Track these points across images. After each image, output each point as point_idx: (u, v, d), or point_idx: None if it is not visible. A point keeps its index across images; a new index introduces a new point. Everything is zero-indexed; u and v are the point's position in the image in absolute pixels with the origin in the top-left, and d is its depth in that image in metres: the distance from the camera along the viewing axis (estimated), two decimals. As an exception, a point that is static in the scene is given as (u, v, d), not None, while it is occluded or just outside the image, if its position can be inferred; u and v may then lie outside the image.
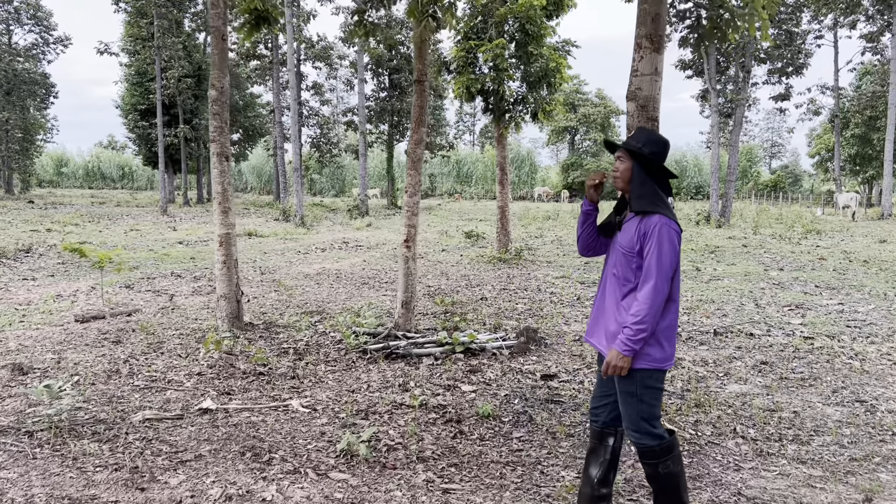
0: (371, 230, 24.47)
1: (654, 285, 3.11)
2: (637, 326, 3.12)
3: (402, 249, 7.42)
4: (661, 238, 3.14)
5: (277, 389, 5.70)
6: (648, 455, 3.32)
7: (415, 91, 7.21)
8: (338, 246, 18.34)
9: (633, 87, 4.76)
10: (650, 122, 4.72)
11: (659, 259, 3.12)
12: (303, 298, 10.03)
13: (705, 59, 28.10)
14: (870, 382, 6.14)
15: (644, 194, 3.33)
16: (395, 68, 38.75)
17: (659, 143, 3.41)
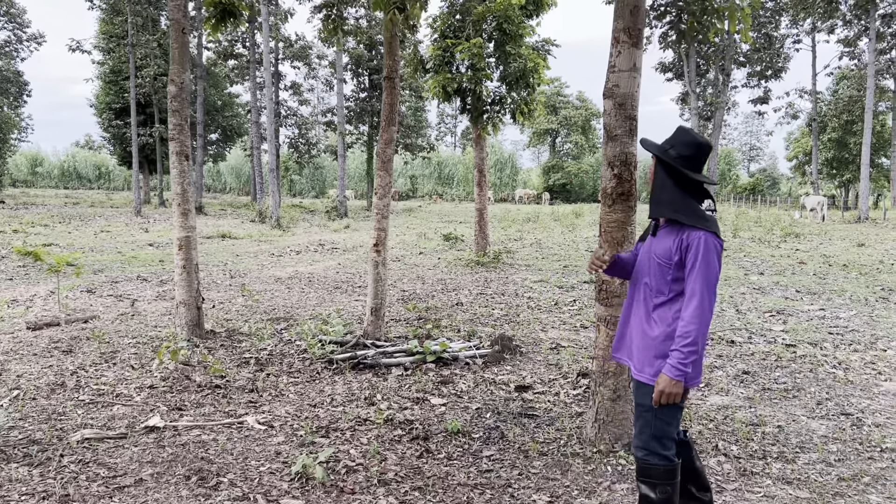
0: (349, 232, 24.09)
1: (701, 303, 2.93)
2: (688, 348, 2.93)
3: (371, 254, 7.09)
4: (706, 253, 2.96)
5: (233, 404, 5.34)
6: (650, 474, 3.14)
7: (385, 88, 6.89)
8: (313, 248, 17.97)
9: (611, 83, 4.47)
10: (628, 120, 4.43)
11: (706, 276, 2.96)
12: (271, 304, 9.67)
13: (685, 62, 28.04)
14: (854, 394, 5.91)
15: (663, 200, 3.15)
16: (375, 68, 38.37)
17: (691, 146, 3.16)
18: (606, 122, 4.49)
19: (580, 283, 11.75)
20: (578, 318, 8.93)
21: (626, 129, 4.43)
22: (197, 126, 36.13)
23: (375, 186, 6.98)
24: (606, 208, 4.51)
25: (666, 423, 3.09)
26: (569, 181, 60.68)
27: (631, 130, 4.44)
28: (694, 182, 3.12)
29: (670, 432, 3.12)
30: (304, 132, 40.21)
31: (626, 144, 4.44)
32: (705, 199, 3.13)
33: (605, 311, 4.54)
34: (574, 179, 60.70)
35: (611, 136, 4.46)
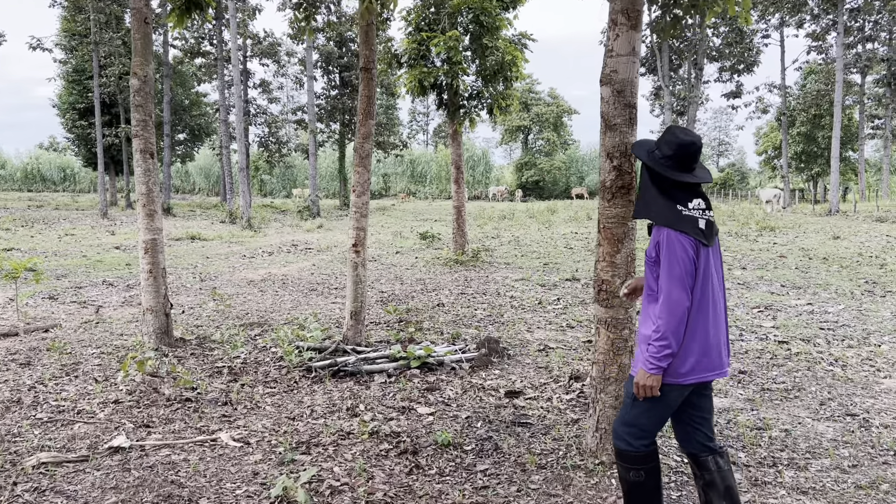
0: (322, 232, 23.63)
1: (667, 297, 2.98)
2: (658, 342, 2.99)
3: (350, 255, 6.74)
4: (668, 249, 3.00)
5: (206, 419, 4.96)
6: (621, 457, 3.28)
7: (361, 80, 6.54)
8: (286, 249, 17.52)
9: (608, 69, 4.17)
10: (627, 108, 4.14)
11: (670, 270, 2.99)
12: (244, 308, 9.26)
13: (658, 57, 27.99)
14: (857, 392, 5.70)
15: (640, 202, 3.25)
16: (345, 66, 37.84)
17: (671, 145, 3.15)
18: (604, 110, 4.19)
19: (562, 280, 11.49)
20: (564, 317, 8.66)
21: (626, 117, 4.14)
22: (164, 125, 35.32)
23: (353, 183, 6.63)
24: (605, 203, 4.20)
25: (640, 413, 3.15)
26: (542, 178, 60.62)
27: (631, 119, 4.15)
28: (677, 182, 3.11)
29: (643, 424, 3.17)
30: (275, 131, 39.53)
31: (626, 134, 4.14)
32: (694, 198, 3.11)
33: (606, 312, 4.24)
34: (547, 176, 60.65)
35: (609, 126, 4.16)
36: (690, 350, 3.05)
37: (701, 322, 3.05)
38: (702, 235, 3.03)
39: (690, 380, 3.06)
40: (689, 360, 3.05)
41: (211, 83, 42.06)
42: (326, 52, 36.59)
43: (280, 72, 40.60)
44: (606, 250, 4.22)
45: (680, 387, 3.09)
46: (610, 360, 4.24)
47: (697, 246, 3.02)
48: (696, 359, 3.05)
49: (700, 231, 3.04)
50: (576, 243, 17.74)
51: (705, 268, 3.08)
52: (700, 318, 3.05)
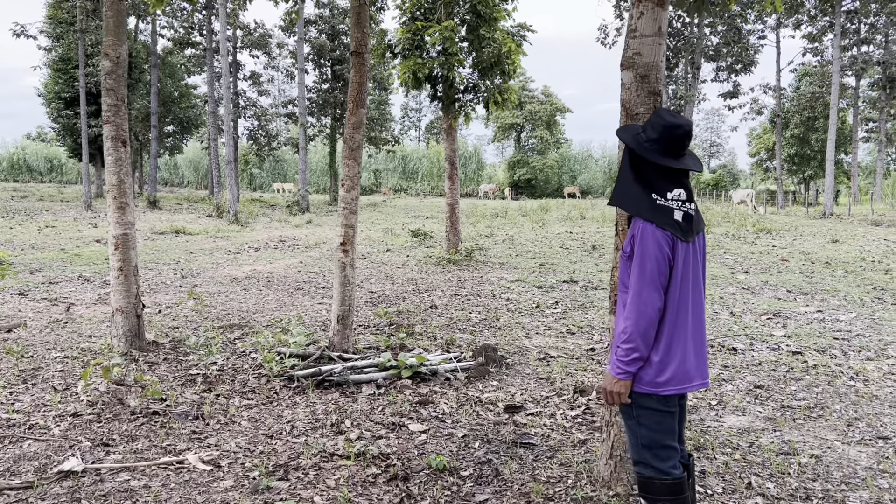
0: (311, 227, 23.09)
1: (635, 297, 2.72)
2: (625, 346, 2.74)
3: (337, 254, 6.24)
4: (641, 244, 2.73)
5: (173, 436, 4.46)
6: (648, 489, 2.87)
7: (352, 65, 6.04)
8: (273, 245, 16.99)
9: (631, 51, 3.69)
10: (652, 96, 3.66)
11: (640, 267, 2.72)
12: (224, 308, 8.74)
13: (655, 55, 27.58)
14: (884, 412, 5.25)
15: (616, 189, 2.96)
16: (338, 59, 37.23)
17: (657, 128, 2.85)
18: (625, 98, 3.71)
19: (559, 282, 11.03)
20: (563, 322, 8.20)
21: (649, 106, 3.66)
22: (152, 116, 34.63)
23: (342, 177, 6.13)
24: (625, 202, 3.72)
25: (651, 430, 2.83)
26: (534, 176, 60.16)
27: (655, 108, 3.67)
28: (659, 168, 2.82)
29: (660, 439, 2.84)
30: (264, 124, 38.88)
31: (650, 125, 3.66)
32: (676, 188, 2.82)
33: (623, 325, 3.77)
34: (539, 175, 60.19)
35: (630, 116, 3.68)
36: (671, 357, 2.78)
37: (680, 327, 2.80)
38: (677, 228, 2.76)
39: (670, 390, 2.79)
40: (669, 367, 2.78)
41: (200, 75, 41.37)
42: (318, 45, 35.98)
43: (271, 64, 39.95)
44: (625, 255, 3.74)
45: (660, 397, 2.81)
46: (627, 378, 3.77)
47: (674, 241, 2.75)
48: (676, 367, 2.79)
49: (675, 223, 2.76)
50: (571, 243, 17.28)
51: (683, 266, 2.79)
52: (680, 322, 2.79)
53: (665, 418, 2.85)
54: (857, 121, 44.85)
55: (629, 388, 2.81)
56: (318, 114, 38.67)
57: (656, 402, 2.82)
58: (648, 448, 2.86)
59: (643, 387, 2.80)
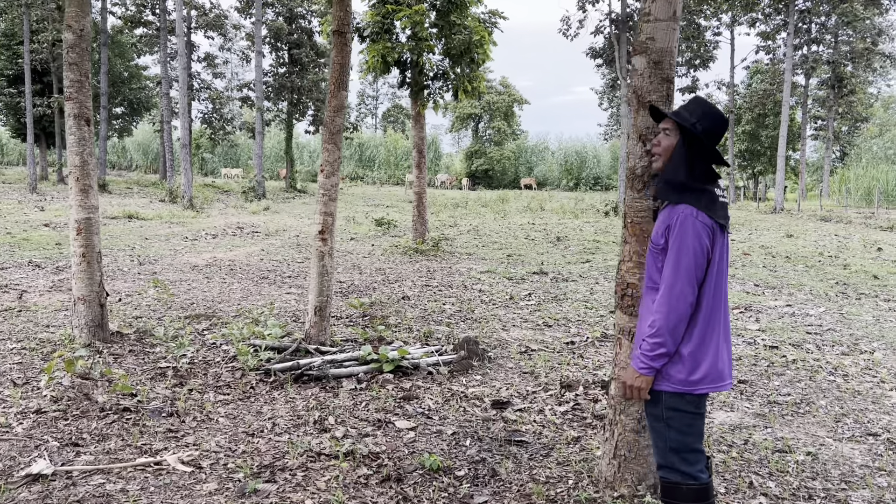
0: (269, 214, 22.59)
1: (668, 290, 2.58)
2: (653, 340, 2.61)
3: (315, 243, 5.99)
4: (681, 233, 2.57)
5: (148, 435, 4.18)
6: (674, 495, 2.75)
7: (333, 45, 5.78)
8: (231, 232, 16.52)
9: (644, 35, 3.55)
10: (665, 83, 3.53)
11: (677, 257, 2.57)
12: (188, 297, 8.39)
13: (616, 48, 27.72)
14: (869, 407, 5.27)
15: (676, 180, 2.72)
16: (295, 43, 36.49)
17: (717, 120, 2.74)
18: (637, 84, 3.56)
19: (529, 274, 10.93)
20: (539, 314, 8.09)
21: (663, 93, 3.53)
22: (101, 97, 33.40)
23: (322, 162, 5.88)
24: (635, 193, 3.59)
25: (682, 433, 2.71)
26: (491, 167, 60.20)
27: (668, 96, 3.54)
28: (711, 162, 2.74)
29: (690, 443, 2.72)
30: (219, 107, 37.92)
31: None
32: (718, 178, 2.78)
33: (630, 321, 3.64)
34: (496, 166, 60.25)
35: (643, 103, 3.54)
36: (705, 354, 2.66)
37: (714, 322, 2.68)
38: (722, 216, 2.67)
39: (702, 389, 2.67)
40: (702, 365, 2.66)
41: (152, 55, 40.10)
42: (275, 28, 35.17)
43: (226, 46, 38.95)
44: (634, 249, 3.61)
45: (693, 396, 2.70)
46: (633, 376, 3.64)
47: (714, 231, 2.63)
48: (709, 365, 2.67)
49: (721, 209, 2.69)
50: (535, 234, 17.25)
51: (720, 259, 2.69)
52: (714, 317, 2.68)
53: (696, 420, 2.74)
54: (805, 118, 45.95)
55: (650, 384, 2.69)
56: (274, 98, 37.87)
57: (688, 403, 2.71)
58: (677, 452, 2.74)
59: (675, 386, 2.69)
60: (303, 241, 14.97)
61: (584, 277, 10.79)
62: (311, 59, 37.46)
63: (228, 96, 40.54)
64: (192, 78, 36.34)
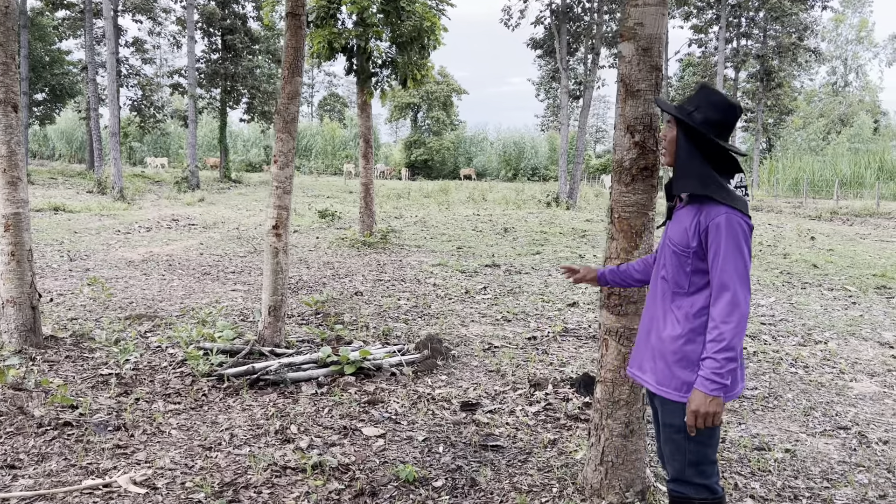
0: (205, 206, 21.82)
1: (734, 297, 2.36)
2: (723, 355, 2.35)
3: (269, 238, 5.65)
4: (733, 236, 2.38)
5: (94, 452, 3.81)
6: None
7: (287, 28, 5.43)
8: (166, 224, 15.84)
9: (632, 21, 3.37)
10: (654, 71, 3.36)
11: (735, 262, 2.37)
12: (126, 296, 7.90)
13: (557, 39, 27.80)
14: (834, 400, 5.28)
15: (689, 173, 2.53)
16: (228, 28, 35.34)
17: (720, 108, 2.55)
18: (626, 72, 3.38)
19: (482, 266, 10.77)
20: (496, 309, 7.92)
21: (651, 82, 3.36)
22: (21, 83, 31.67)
23: (275, 152, 5.53)
24: (623, 187, 3.42)
25: (703, 444, 2.54)
26: (431, 157, 59.93)
27: (657, 84, 3.38)
28: (723, 153, 2.56)
29: (710, 455, 2.56)
30: (149, 94, 36.48)
31: (651, 103, 3.37)
32: (736, 172, 2.62)
33: (617, 321, 3.47)
34: (436, 156, 60.02)
35: (631, 92, 3.37)
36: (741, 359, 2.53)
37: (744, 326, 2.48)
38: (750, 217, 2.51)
39: (731, 396, 2.52)
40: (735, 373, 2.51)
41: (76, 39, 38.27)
42: (208, 13, 33.96)
43: (156, 30, 37.46)
44: (622, 245, 3.45)
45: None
46: (620, 378, 3.48)
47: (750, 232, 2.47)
48: (738, 370, 2.54)
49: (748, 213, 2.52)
50: (482, 226, 17.11)
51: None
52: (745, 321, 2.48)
53: (716, 431, 2.57)
54: (735, 111, 47.18)
55: (723, 406, 2.42)
56: (207, 85, 36.64)
57: None
58: (695, 465, 2.57)
59: None
60: (243, 233, 14.45)
61: (536, 270, 10.68)
62: (246, 45, 36.38)
63: (158, 83, 39.05)
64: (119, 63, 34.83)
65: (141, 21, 35.60)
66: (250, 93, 37.89)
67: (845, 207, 27.65)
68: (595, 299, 8.63)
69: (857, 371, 6.00)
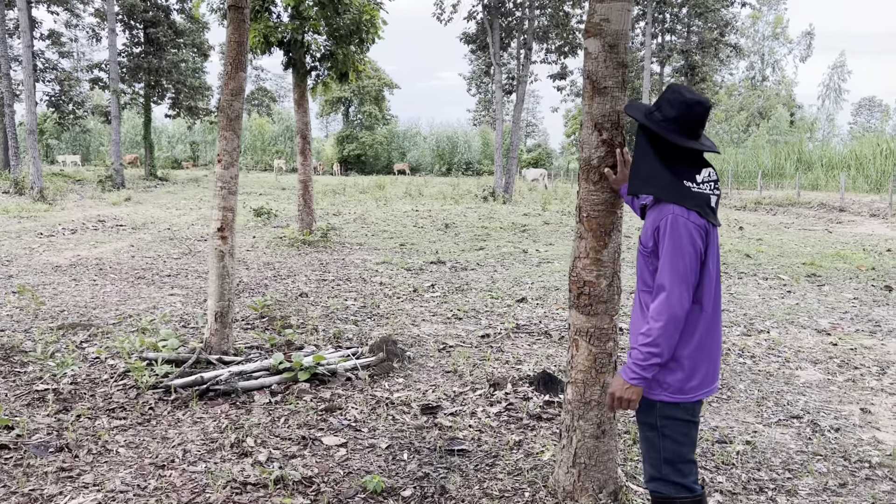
0: (132, 206, 21.01)
1: (667, 296, 2.40)
2: (647, 349, 2.44)
3: (214, 241, 5.40)
4: (673, 234, 2.41)
5: (37, 477, 3.54)
6: None
7: (230, 21, 5.19)
8: (92, 226, 15.16)
9: (598, 17, 3.32)
10: (620, 68, 3.32)
11: (672, 262, 2.41)
12: (56, 303, 7.47)
13: (489, 34, 27.89)
14: (784, 389, 5.41)
15: (641, 173, 2.61)
16: (150, 21, 34.12)
17: (675, 105, 2.54)
18: (591, 69, 3.33)
19: (427, 263, 10.67)
20: (446, 306, 7.84)
21: (618, 79, 3.31)
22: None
23: (219, 151, 5.29)
24: (591, 186, 3.36)
25: (677, 443, 2.57)
26: (363, 152, 59.44)
27: (623, 81, 3.34)
28: (682, 150, 2.55)
29: (684, 453, 2.59)
30: (68, 89, 34.88)
31: (618, 100, 3.32)
32: (703, 168, 2.57)
33: (587, 321, 3.43)
34: (368, 151, 59.58)
35: (598, 89, 3.31)
36: (703, 359, 2.55)
37: (713, 324, 2.57)
38: (712, 214, 2.53)
39: (699, 395, 2.57)
40: (699, 371, 2.55)
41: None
42: (129, 5, 32.68)
43: (73, 22, 35.82)
44: (590, 245, 3.39)
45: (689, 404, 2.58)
46: (591, 379, 3.44)
47: (707, 231, 2.50)
48: (706, 369, 2.57)
49: (711, 210, 2.53)
50: (422, 221, 17.01)
51: (714, 258, 2.56)
52: (713, 319, 2.57)
53: (691, 429, 2.62)
54: (662, 105, 48.40)
55: (640, 396, 2.54)
56: (129, 80, 35.26)
57: (683, 411, 2.58)
58: (671, 463, 2.61)
59: (671, 395, 2.56)
60: (175, 234, 13.94)
61: (482, 266, 10.65)
62: (170, 38, 35.22)
63: (77, 78, 37.39)
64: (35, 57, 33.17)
65: (57, 13, 33.99)
66: (175, 87, 36.71)
67: (768, 198, 28.71)
68: (541, 295, 8.65)
69: (800, 359, 6.17)
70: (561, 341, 6.56)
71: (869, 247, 14.01)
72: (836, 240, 15.51)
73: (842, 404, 5.09)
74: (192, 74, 39.78)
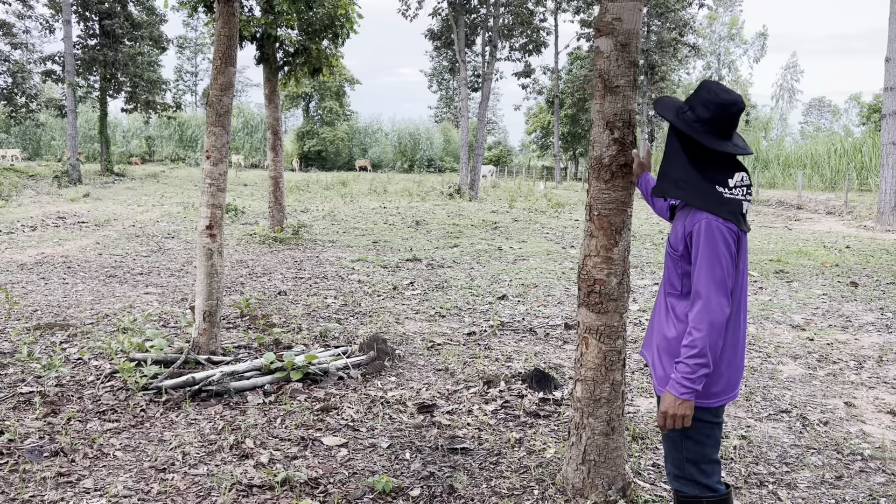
0: (91, 202, 20.48)
1: (706, 304, 2.36)
2: (694, 361, 2.37)
3: (202, 239, 5.29)
4: (709, 242, 2.37)
5: (35, 483, 3.42)
6: None
7: (219, 15, 5.09)
8: (52, 223, 14.74)
9: (610, 16, 3.33)
10: (632, 67, 3.34)
11: (710, 268, 2.37)
12: (28, 303, 7.25)
13: (455, 31, 27.89)
14: (769, 384, 5.52)
15: (669, 175, 2.56)
16: (106, 13, 33.28)
17: (710, 106, 2.47)
18: (604, 67, 3.35)
19: (403, 261, 10.63)
20: (428, 304, 7.82)
21: (630, 78, 3.34)
22: None
23: (208, 147, 5.18)
24: (602, 184, 3.38)
25: (698, 442, 2.56)
26: (324, 148, 58.94)
27: (635, 80, 3.36)
28: (715, 153, 2.48)
29: (708, 453, 2.58)
30: (21, 82, 33.83)
31: (630, 99, 3.35)
32: (735, 172, 2.50)
33: (598, 319, 3.45)
34: (329, 147, 59.10)
35: (610, 88, 3.34)
36: (727, 364, 2.53)
37: (739, 330, 2.55)
38: (742, 220, 2.47)
39: (723, 400, 2.55)
40: (724, 376, 2.53)
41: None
42: (84, -5, 31.83)
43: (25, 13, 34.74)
44: (601, 243, 3.41)
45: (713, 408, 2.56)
46: (601, 377, 3.46)
47: (739, 236, 2.46)
48: (730, 374, 2.55)
49: (742, 217, 2.47)
50: (392, 219, 16.94)
51: (743, 263, 2.53)
52: (739, 325, 2.55)
53: (714, 430, 2.61)
54: (622, 103, 49.05)
55: (693, 409, 2.46)
56: (84, 73, 34.36)
57: (706, 413, 2.56)
58: (694, 463, 2.60)
59: (696, 400, 2.51)
60: (141, 231, 13.64)
61: (458, 263, 10.65)
62: (127, 30, 34.40)
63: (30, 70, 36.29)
64: (-16, 48, 32.13)
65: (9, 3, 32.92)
66: (132, 81, 35.90)
67: (727, 196, 29.28)
68: (521, 293, 8.69)
69: (781, 354, 6.30)
70: (547, 339, 6.59)
71: (829, 244, 14.41)
72: (797, 237, 15.92)
73: (826, 398, 5.21)
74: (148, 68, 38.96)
